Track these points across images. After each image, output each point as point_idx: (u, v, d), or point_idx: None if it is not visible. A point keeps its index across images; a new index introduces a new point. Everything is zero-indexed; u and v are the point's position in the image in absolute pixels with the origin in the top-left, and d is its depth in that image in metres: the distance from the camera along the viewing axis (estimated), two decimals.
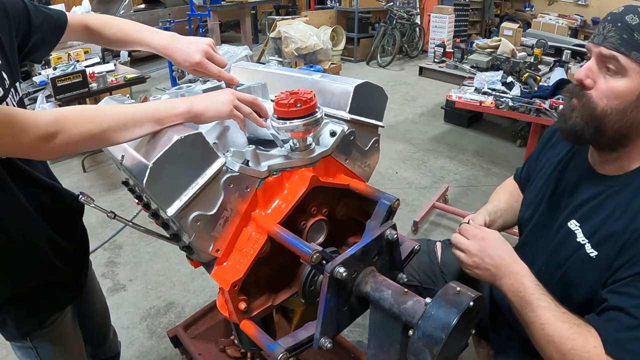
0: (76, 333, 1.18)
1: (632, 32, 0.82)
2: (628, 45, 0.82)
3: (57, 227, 1.01)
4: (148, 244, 2.71)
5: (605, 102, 0.86)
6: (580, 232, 0.93)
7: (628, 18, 0.84)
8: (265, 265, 0.86)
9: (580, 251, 0.92)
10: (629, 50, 0.82)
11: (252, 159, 0.84)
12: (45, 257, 0.98)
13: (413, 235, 2.71)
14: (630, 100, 0.84)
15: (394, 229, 0.83)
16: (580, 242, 0.92)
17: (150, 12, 7.60)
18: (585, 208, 0.95)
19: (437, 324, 0.65)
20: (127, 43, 1.07)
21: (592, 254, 0.90)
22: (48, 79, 3.31)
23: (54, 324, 1.05)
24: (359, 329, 1.96)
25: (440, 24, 7.41)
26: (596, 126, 0.88)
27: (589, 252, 0.90)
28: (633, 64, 0.82)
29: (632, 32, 0.82)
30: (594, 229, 0.91)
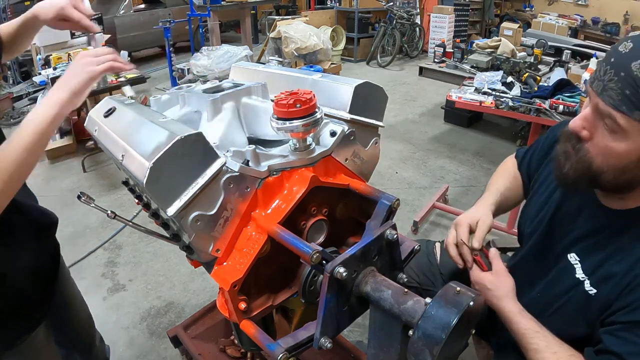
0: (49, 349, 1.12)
1: (637, 88, 0.68)
2: (630, 104, 0.69)
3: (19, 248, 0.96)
4: (148, 244, 2.71)
5: (602, 160, 0.78)
6: (580, 268, 0.89)
7: (634, 67, 0.68)
8: (265, 265, 0.86)
9: (579, 287, 0.88)
10: (630, 110, 0.69)
11: (252, 159, 0.84)
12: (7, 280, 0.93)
13: (413, 235, 2.71)
14: (630, 161, 0.75)
15: (394, 229, 0.83)
16: (580, 278, 0.88)
17: (150, 12, 7.60)
18: (586, 243, 0.89)
19: (437, 324, 0.65)
20: (17, 28, 1.05)
21: (591, 292, 0.86)
22: (48, 79, 3.31)
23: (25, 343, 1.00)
24: (359, 329, 1.96)
25: (440, 24, 7.41)
26: (591, 180, 0.81)
27: (587, 290, 0.86)
28: (635, 124, 0.70)
29: (637, 88, 0.68)
30: (594, 266, 0.86)
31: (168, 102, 1.18)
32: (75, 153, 4.05)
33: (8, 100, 5.28)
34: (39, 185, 3.60)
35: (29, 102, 5.30)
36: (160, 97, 1.18)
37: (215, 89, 1.13)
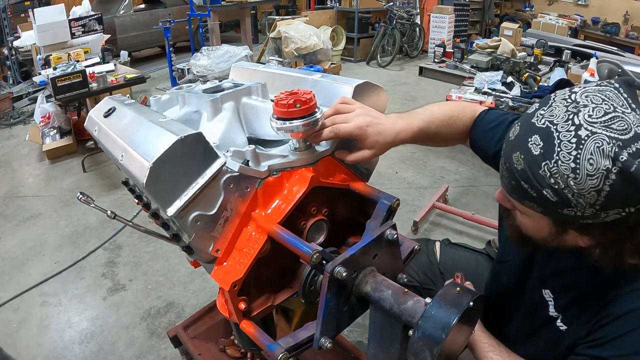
0: None
1: (519, 181, 0.69)
2: (519, 193, 0.71)
3: None
4: (148, 244, 2.71)
5: (524, 230, 0.80)
6: (553, 305, 0.89)
7: (514, 158, 0.68)
8: (265, 265, 0.86)
9: (552, 325, 0.88)
10: (520, 198, 0.71)
11: (252, 159, 0.84)
12: None
13: (413, 235, 2.71)
14: (545, 235, 0.75)
15: (394, 229, 0.83)
16: (552, 315, 0.89)
17: (150, 12, 7.60)
18: (559, 280, 0.88)
19: (437, 324, 0.65)
20: None
21: (562, 328, 0.87)
22: (48, 79, 3.31)
23: None
24: (359, 329, 1.96)
25: (440, 24, 7.41)
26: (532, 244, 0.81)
27: (559, 326, 0.87)
28: (529, 210, 0.72)
29: (519, 181, 0.69)
30: (566, 305, 0.86)
31: (168, 102, 1.18)
32: (75, 153, 4.05)
33: (8, 100, 5.28)
34: (39, 185, 3.60)
35: (29, 102, 5.31)
36: (160, 97, 1.18)
37: (215, 89, 1.13)
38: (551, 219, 0.71)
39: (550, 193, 0.65)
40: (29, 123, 4.78)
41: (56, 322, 2.18)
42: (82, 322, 2.16)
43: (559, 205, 0.66)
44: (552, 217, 0.70)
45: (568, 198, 0.64)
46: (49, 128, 4.05)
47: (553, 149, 0.63)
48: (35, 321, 2.18)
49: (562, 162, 0.62)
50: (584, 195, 0.62)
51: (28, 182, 3.69)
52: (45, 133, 4.03)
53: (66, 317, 2.20)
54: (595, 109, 0.62)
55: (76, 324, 2.16)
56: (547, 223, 0.73)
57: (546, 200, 0.66)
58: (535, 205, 0.69)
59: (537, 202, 0.68)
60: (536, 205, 0.69)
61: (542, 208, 0.69)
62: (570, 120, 0.63)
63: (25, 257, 2.68)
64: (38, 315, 2.22)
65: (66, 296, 2.34)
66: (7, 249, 2.78)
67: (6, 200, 3.38)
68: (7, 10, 6.04)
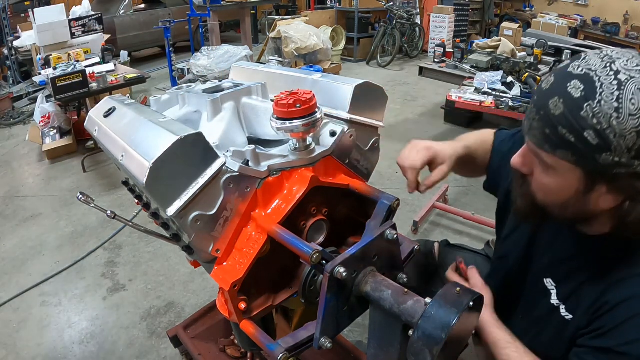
0: None
1: (556, 127, 0.67)
2: (552, 143, 0.69)
3: None
4: (148, 244, 2.71)
5: (542, 196, 0.78)
6: (555, 294, 0.88)
7: (552, 105, 0.68)
8: (265, 265, 0.86)
9: (556, 314, 0.88)
10: (553, 149, 0.69)
11: (252, 159, 0.84)
12: None
13: (413, 235, 2.71)
14: (568, 196, 0.73)
15: (394, 229, 0.83)
16: (554, 304, 0.88)
17: (150, 12, 7.60)
18: (561, 268, 0.88)
19: (437, 324, 0.65)
20: None
21: (567, 317, 0.86)
22: (48, 79, 3.31)
23: None
24: (359, 329, 1.96)
25: (440, 24, 7.41)
26: (542, 214, 0.81)
27: (564, 315, 0.86)
28: (562, 162, 0.69)
29: (556, 127, 0.67)
30: (568, 293, 0.86)
31: (168, 102, 1.18)
32: (75, 153, 4.05)
33: (8, 100, 5.28)
34: (39, 185, 3.60)
35: (29, 102, 5.31)
36: (160, 97, 1.18)
37: (215, 89, 1.13)
38: (583, 171, 0.69)
39: (592, 135, 0.64)
40: (29, 123, 4.78)
41: (56, 322, 2.18)
42: (82, 322, 2.16)
43: (597, 149, 0.65)
44: (586, 167, 0.68)
45: (609, 140, 0.63)
46: (49, 128, 4.05)
47: (595, 90, 0.64)
48: (35, 321, 2.18)
49: (605, 102, 0.63)
50: (625, 136, 0.62)
51: (28, 182, 3.69)
52: (45, 133, 4.04)
53: (66, 317, 2.20)
54: (629, 60, 0.65)
55: (76, 324, 2.16)
56: (576, 178, 0.70)
57: (585, 144, 0.65)
58: (570, 154, 0.67)
59: (573, 149, 0.67)
60: (571, 154, 0.67)
61: (577, 157, 0.67)
62: (608, 67, 0.65)
63: (25, 257, 2.68)
64: (38, 315, 2.22)
65: (66, 296, 2.34)
66: (7, 249, 2.78)
67: (6, 200, 3.38)
68: (7, 10, 6.04)
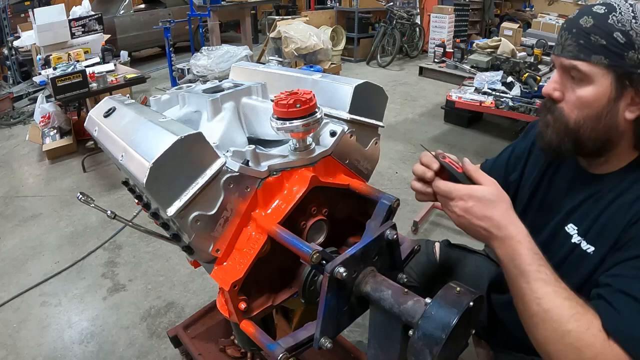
0: None
1: (588, 36, 0.79)
2: (587, 51, 0.79)
3: None
4: (148, 244, 2.71)
5: (577, 113, 0.83)
6: (577, 234, 0.90)
7: (582, 21, 0.80)
8: (265, 265, 0.86)
9: (577, 250, 0.89)
10: (588, 55, 0.79)
11: (252, 159, 0.84)
12: None
13: (413, 235, 2.71)
14: (601, 105, 0.81)
15: (394, 229, 0.83)
16: (576, 242, 0.89)
17: (150, 12, 7.60)
18: (580, 210, 0.91)
19: (437, 324, 0.65)
20: None
21: (588, 250, 0.86)
22: (48, 79, 3.31)
23: None
24: (359, 329, 1.96)
25: (440, 24, 7.41)
26: (573, 139, 0.85)
27: (585, 249, 0.87)
28: (595, 68, 0.79)
29: (588, 36, 0.79)
30: (588, 226, 0.88)
31: (168, 102, 1.18)
32: (75, 153, 4.05)
33: (8, 100, 5.28)
34: (39, 185, 3.60)
35: (29, 102, 5.31)
36: (160, 97, 1.18)
37: (215, 89, 1.13)
38: (614, 75, 0.78)
39: (619, 35, 0.77)
40: (29, 123, 4.78)
41: (56, 322, 2.18)
42: (82, 322, 2.16)
43: (625, 47, 0.77)
44: (617, 69, 0.78)
45: (633, 38, 0.77)
46: (49, 128, 4.05)
47: (615, 8, 0.79)
48: (35, 321, 2.18)
49: (625, 12, 0.78)
50: None
51: (28, 182, 3.69)
52: (45, 133, 4.04)
53: (66, 317, 2.20)
54: None
55: (76, 324, 2.16)
56: (608, 83, 0.79)
57: (615, 43, 0.77)
58: (602, 58, 0.78)
59: (605, 51, 0.78)
60: (604, 57, 0.78)
61: (609, 58, 0.78)
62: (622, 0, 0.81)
63: (25, 257, 2.68)
64: (38, 315, 2.22)
65: (66, 296, 2.34)
66: (7, 249, 2.78)
67: (6, 200, 3.38)
68: (7, 10, 6.04)
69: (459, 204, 0.81)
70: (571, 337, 0.71)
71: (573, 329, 0.71)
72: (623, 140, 0.84)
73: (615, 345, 0.70)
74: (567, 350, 0.71)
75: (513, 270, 0.78)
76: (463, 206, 0.81)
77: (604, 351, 0.69)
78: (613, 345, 0.70)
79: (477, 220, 0.80)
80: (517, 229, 0.79)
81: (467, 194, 0.81)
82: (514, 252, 0.77)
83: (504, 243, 0.79)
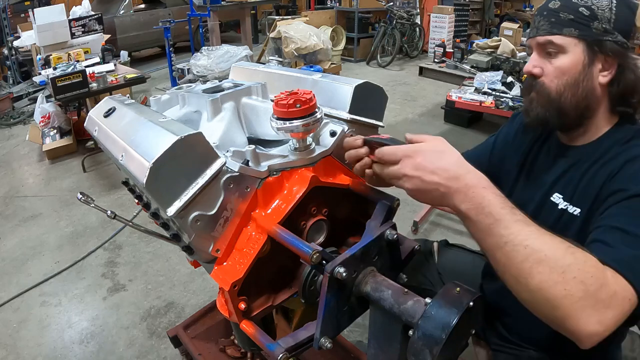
0: None
1: (558, 14, 0.91)
2: (558, 26, 0.91)
3: None
4: (148, 244, 2.71)
5: (557, 82, 0.92)
6: (562, 200, 0.96)
7: (551, 5, 0.93)
8: (265, 265, 0.86)
9: (565, 216, 0.94)
10: (560, 30, 0.90)
11: (252, 159, 0.84)
12: None
13: (413, 235, 2.71)
14: (578, 71, 0.91)
15: (394, 229, 0.83)
16: (563, 207, 0.95)
17: (150, 12, 7.60)
18: (563, 179, 0.98)
19: (437, 324, 0.65)
20: None
21: (575, 212, 0.92)
22: (48, 79, 3.31)
23: None
24: (359, 329, 1.96)
25: (440, 24, 7.41)
26: (556, 108, 0.93)
27: (572, 212, 0.93)
28: (568, 38, 0.90)
29: (558, 14, 0.91)
30: (572, 191, 0.94)
31: (168, 102, 1.18)
32: (75, 153, 4.05)
33: (8, 100, 5.28)
34: (39, 185, 3.60)
35: (29, 102, 5.31)
36: (160, 97, 1.18)
37: (215, 89, 1.13)
38: (585, 43, 0.90)
39: (584, 9, 0.89)
40: (29, 123, 4.78)
41: (56, 322, 2.18)
42: (82, 322, 2.16)
43: (590, 18, 0.89)
44: (586, 37, 0.89)
45: (596, 11, 0.89)
46: (49, 128, 4.05)
47: None
48: (35, 321, 2.18)
49: None
50: (604, 10, 0.89)
51: (28, 182, 3.69)
52: (45, 133, 4.04)
53: (66, 317, 2.20)
54: None
55: (76, 324, 2.16)
56: (581, 51, 0.90)
57: (582, 16, 0.89)
58: (573, 29, 0.89)
59: (574, 23, 0.89)
60: (574, 29, 0.89)
61: (578, 29, 0.89)
62: None
63: (25, 257, 2.68)
64: (38, 315, 2.22)
65: (66, 296, 2.34)
66: (7, 249, 2.78)
67: (6, 200, 3.38)
68: (7, 10, 6.04)
69: (407, 163, 0.71)
70: (573, 271, 0.63)
71: (572, 262, 0.64)
72: (600, 106, 0.94)
73: (618, 275, 0.66)
74: (571, 288, 0.62)
75: (485, 220, 0.67)
76: (412, 163, 0.71)
77: (607, 282, 0.64)
78: (616, 275, 0.66)
79: (430, 176, 0.69)
80: (477, 175, 0.70)
81: (413, 150, 0.72)
82: (482, 200, 0.67)
83: (467, 194, 0.68)
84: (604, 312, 0.63)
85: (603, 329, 0.63)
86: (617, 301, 0.64)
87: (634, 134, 0.92)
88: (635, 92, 0.93)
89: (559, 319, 0.64)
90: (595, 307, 0.62)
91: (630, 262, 0.68)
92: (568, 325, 0.64)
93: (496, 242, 0.67)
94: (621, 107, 0.94)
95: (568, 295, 0.62)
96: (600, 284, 0.64)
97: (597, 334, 0.63)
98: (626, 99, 0.93)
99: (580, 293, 0.62)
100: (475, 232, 0.70)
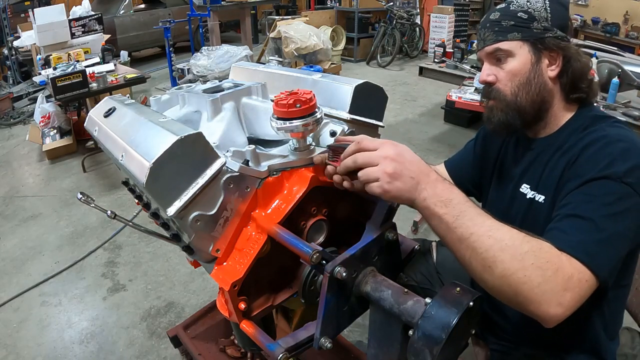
0: None
1: (500, 23, 0.97)
2: (503, 33, 0.97)
3: None
4: (148, 244, 2.71)
5: (511, 85, 0.97)
6: (529, 190, 1.01)
7: (492, 17, 0.99)
8: (265, 265, 0.86)
9: (533, 205, 0.99)
10: (505, 36, 0.96)
11: (252, 159, 0.84)
12: None
13: (413, 235, 2.71)
14: (528, 70, 0.96)
15: (394, 229, 0.83)
16: (531, 197, 1.00)
17: (150, 12, 7.60)
18: (530, 171, 1.03)
19: (437, 324, 0.65)
20: None
21: (540, 200, 0.97)
22: (48, 79, 3.31)
23: None
24: (359, 329, 1.96)
25: (440, 24, 7.41)
26: (515, 109, 0.98)
27: (538, 200, 0.98)
28: (513, 42, 0.96)
29: (500, 23, 0.97)
30: (537, 180, 1.00)
31: (168, 102, 1.18)
32: (75, 153, 4.05)
33: (8, 100, 5.28)
34: (39, 185, 3.60)
35: (29, 102, 5.31)
36: (160, 97, 1.18)
37: (215, 89, 1.13)
38: (529, 44, 0.96)
39: (522, 14, 0.96)
40: (29, 123, 4.78)
41: (56, 322, 2.18)
42: (82, 322, 2.16)
43: (529, 21, 0.95)
44: (529, 38, 0.95)
45: (533, 14, 0.95)
46: (49, 128, 4.05)
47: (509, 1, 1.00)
48: (35, 321, 2.18)
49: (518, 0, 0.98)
50: (540, 11, 0.95)
51: (28, 182, 3.69)
52: (45, 133, 4.03)
53: (66, 317, 2.20)
54: None
55: (76, 324, 2.16)
56: (527, 51, 0.96)
57: (521, 20, 0.95)
58: (516, 33, 0.95)
59: (516, 28, 0.96)
60: (517, 32, 0.95)
61: (521, 32, 0.95)
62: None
63: (25, 257, 2.68)
64: (38, 315, 2.22)
65: (66, 296, 2.34)
66: (7, 249, 2.78)
67: (6, 200, 3.38)
68: (7, 10, 6.04)
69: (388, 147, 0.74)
70: (530, 257, 0.69)
71: (529, 249, 0.69)
72: (555, 98, 0.99)
73: (573, 259, 0.72)
74: (530, 274, 0.68)
75: (452, 212, 0.71)
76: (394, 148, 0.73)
77: (563, 266, 0.70)
78: (571, 259, 0.72)
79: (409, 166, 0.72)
80: (437, 172, 0.75)
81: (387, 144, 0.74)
82: (450, 193, 0.72)
83: (436, 187, 0.72)
84: (562, 295, 0.69)
85: (563, 310, 0.69)
86: (574, 283, 0.70)
87: (590, 121, 0.96)
88: (584, 77, 0.99)
89: (522, 303, 0.70)
90: (553, 291, 0.68)
91: (584, 246, 0.74)
92: (531, 308, 0.69)
93: (462, 234, 0.71)
94: (575, 94, 0.99)
95: (528, 281, 0.68)
96: (556, 268, 0.69)
97: (557, 315, 0.69)
98: (577, 86, 0.99)
99: (538, 279, 0.68)
100: (440, 225, 0.72)
